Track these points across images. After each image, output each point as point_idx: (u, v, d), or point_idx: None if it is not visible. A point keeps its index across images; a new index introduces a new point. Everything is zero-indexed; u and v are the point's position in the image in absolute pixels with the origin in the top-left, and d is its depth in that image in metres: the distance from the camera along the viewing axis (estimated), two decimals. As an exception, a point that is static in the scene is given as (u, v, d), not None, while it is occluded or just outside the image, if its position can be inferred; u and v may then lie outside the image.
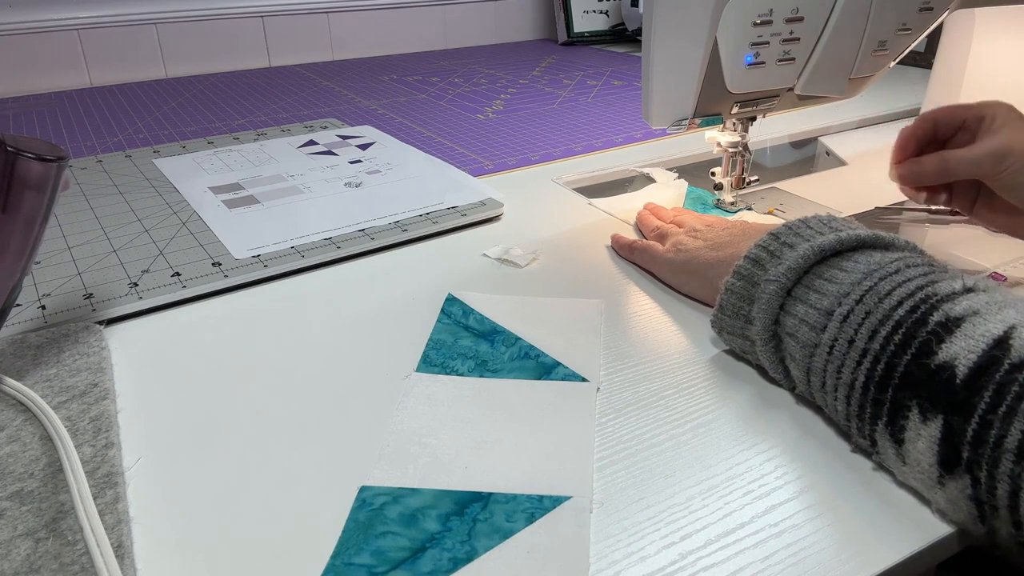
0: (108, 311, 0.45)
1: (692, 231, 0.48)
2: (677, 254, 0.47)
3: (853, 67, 0.54)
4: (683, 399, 0.37)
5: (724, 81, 0.50)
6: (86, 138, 0.85)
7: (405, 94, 1.06)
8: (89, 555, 0.27)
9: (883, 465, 0.31)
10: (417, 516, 0.29)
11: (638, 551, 0.28)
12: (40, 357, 0.40)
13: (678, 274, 0.47)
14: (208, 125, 0.91)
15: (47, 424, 0.34)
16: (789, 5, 0.48)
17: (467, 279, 0.50)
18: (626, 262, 0.52)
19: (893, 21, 0.53)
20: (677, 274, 0.47)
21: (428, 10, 1.42)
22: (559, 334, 0.42)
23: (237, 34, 1.26)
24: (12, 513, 0.30)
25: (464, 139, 0.83)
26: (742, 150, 0.57)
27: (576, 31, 1.43)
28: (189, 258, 0.52)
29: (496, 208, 0.60)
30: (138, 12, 1.17)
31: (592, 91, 1.05)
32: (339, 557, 0.28)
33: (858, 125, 0.84)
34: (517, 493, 0.31)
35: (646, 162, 0.72)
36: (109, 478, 0.31)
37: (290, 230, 0.56)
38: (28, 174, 0.37)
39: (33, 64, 1.12)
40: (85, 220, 0.59)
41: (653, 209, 0.58)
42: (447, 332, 0.43)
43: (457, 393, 0.37)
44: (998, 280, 0.46)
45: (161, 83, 1.17)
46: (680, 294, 0.47)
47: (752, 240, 0.38)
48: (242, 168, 0.71)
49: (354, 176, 0.68)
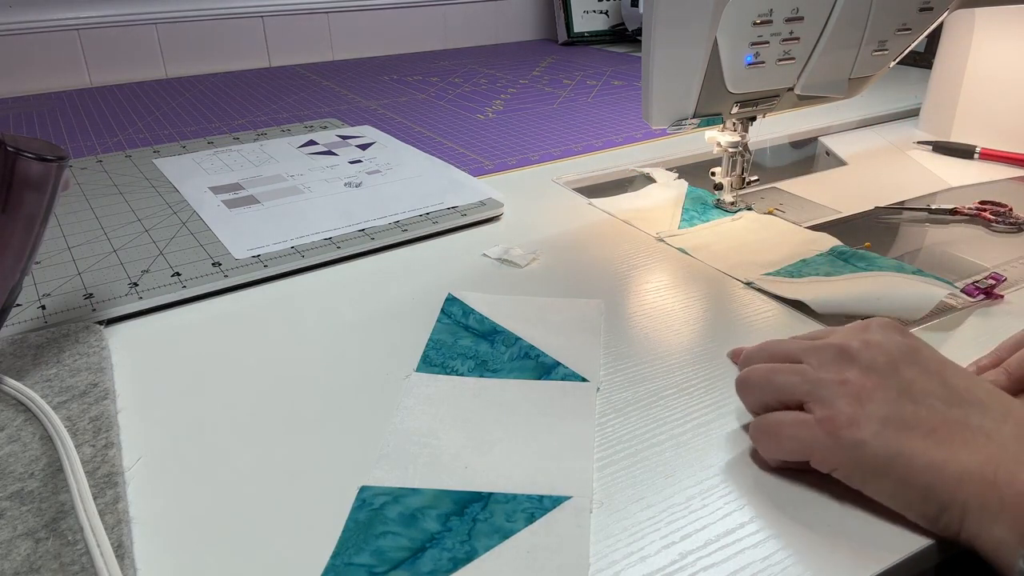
0: (108, 311, 0.45)
1: (869, 375, 0.29)
2: (863, 432, 0.28)
3: (853, 67, 0.54)
4: (683, 399, 0.37)
5: (724, 81, 0.50)
6: (86, 138, 0.85)
7: (405, 94, 1.06)
8: (89, 555, 0.27)
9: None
10: (417, 516, 0.29)
11: (638, 551, 0.28)
12: (40, 357, 0.40)
13: (862, 473, 0.28)
14: (208, 125, 0.90)
15: (47, 424, 0.34)
16: (789, 5, 0.48)
17: (467, 279, 0.50)
18: (625, 262, 0.52)
19: (893, 21, 0.53)
20: (860, 472, 0.28)
21: (428, 10, 1.42)
22: (559, 334, 0.42)
23: (237, 34, 1.26)
24: (12, 513, 0.30)
25: (464, 139, 0.83)
26: (742, 150, 0.57)
27: (576, 31, 1.43)
28: (189, 258, 0.52)
29: (496, 208, 0.60)
30: (138, 12, 1.17)
31: (592, 91, 1.05)
32: (339, 557, 0.28)
33: (858, 125, 0.84)
34: (517, 493, 0.31)
35: (646, 162, 0.72)
36: (109, 478, 0.31)
37: (290, 230, 0.56)
38: (28, 174, 0.37)
39: (33, 64, 1.12)
40: (85, 220, 0.59)
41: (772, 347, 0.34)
42: (447, 332, 0.43)
43: (457, 393, 0.37)
44: (998, 280, 0.46)
45: (161, 83, 1.17)
46: (681, 296, 0.47)
47: (1001, 434, 0.26)
48: (242, 168, 0.71)
49: (354, 176, 0.68)
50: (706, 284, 0.48)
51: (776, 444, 0.30)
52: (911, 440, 0.27)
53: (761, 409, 0.32)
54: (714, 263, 0.51)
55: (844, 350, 0.30)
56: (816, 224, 0.57)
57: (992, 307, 0.45)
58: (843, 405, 0.28)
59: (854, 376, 0.29)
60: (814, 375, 0.30)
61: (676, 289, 0.48)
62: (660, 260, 0.52)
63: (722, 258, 0.51)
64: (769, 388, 0.31)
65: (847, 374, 0.29)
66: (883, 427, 0.28)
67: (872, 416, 0.28)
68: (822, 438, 0.28)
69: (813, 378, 0.30)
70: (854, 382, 0.29)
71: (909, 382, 0.29)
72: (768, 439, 0.31)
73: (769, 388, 0.31)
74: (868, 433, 0.28)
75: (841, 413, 0.28)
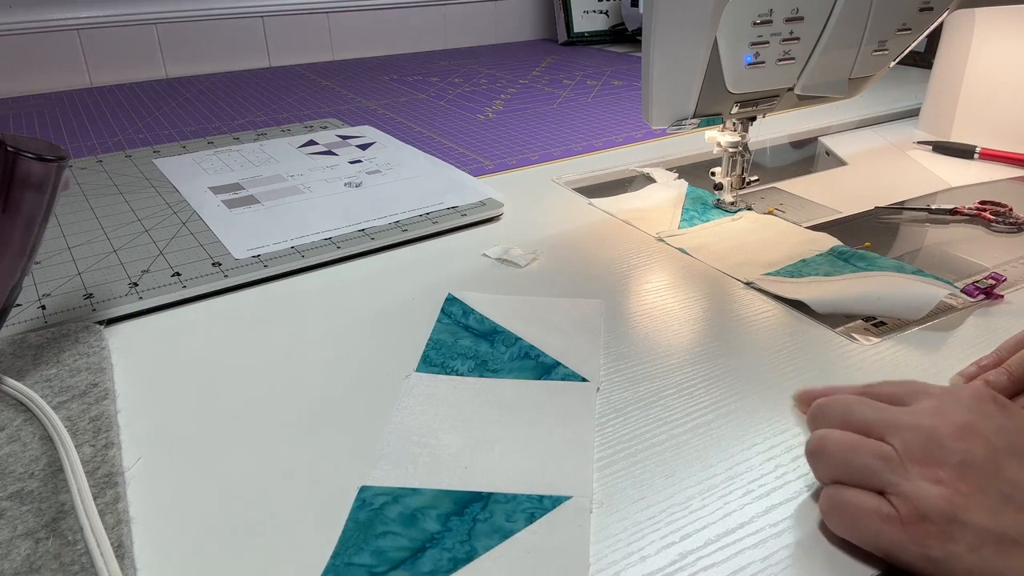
0: (108, 311, 0.45)
1: (965, 476, 0.25)
2: (957, 546, 0.24)
3: (853, 67, 0.54)
4: (683, 399, 0.37)
5: (724, 81, 0.50)
6: (86, 138, 0.85)
7: (405, 94, 1.06)
8: (89, 555, 0.27)
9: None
10: (417, 516, 0.29)
11: (638, 551, 0.28)
12: (40, 357, 0.40)
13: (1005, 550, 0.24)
14: (208, 125, 0.90)
15: (47, 424, 0.34)
16: (789, 5, 0.48)
17: (467, 279, 0.50)
18: (625, 262, 0.52)
19: (893, 21, 0.53)
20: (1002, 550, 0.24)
21: (428, 10, 1.42)
22: (559, 334, 0.42)
23: (237, 34, 1.26)
24: (12, 513, 0.30)
25: (464, 139, 0.83)
26: (742, 150, 0.57)
27: (576, 31, 1.43)
28: (189, 258, 0.52)
29: (496, 208, 0.60)
30: (138, 12, 1.17)
31: (592, 91, 1.05)
32: (339, 557, 0.28)
33: (858, 125, 0.84)
34: (517, 493, 0.31)
35: (646, 162, 0.72)
36: (109, 478, 0.31)
37: (290, 230, 0.56)
38: (28, 174, 0.37)
39: (33, 64, 1.12)
40: (85, 220, 0.59)
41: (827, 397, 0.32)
42: (447, 332, 0.43)
43: (457, 393, 0.37)
44: (998, 280, 0.46)
45: (161, 83, 1.17)
46: (681, 296, 0.47)
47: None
48: (242, 168, 0.71)
49: (354, 176, 0.68)
50: (706, 284, 0.48)
51: (851, 529, 0.27)
52: (1015, 558, 0.23)
53: (833, 482, 0.28)
54: (714, 263, 0.51)
55: (935, 437, 0.26)
56: (816, 224, 0.57)
57: (992, 307, 0.45)
58: (933, 512, 0.25)
59: (948, 476, 0.25)
60: (900, 464, 0.26)
61: (676, 289, 0.48)
62: (660, 260, 0.52)
63: (722, 258, 0.51)
64: (846, 467, 0.28)
65: (940, 472, 0.25)
66: (981, 541, 0.24)
67: (967, 527, 0.24)
68: (907, 543, 0.25)
69: (899, 468, 0.26)
70: (948, 483, 0.25)
71: (1014, 484, 0.25)
72: (842, 521, 0.27)
73: (846, 467, 0.28)
74: (963, 547, 0.24)
75: (930, 521, 0.24)
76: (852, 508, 0.27)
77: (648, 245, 0.54)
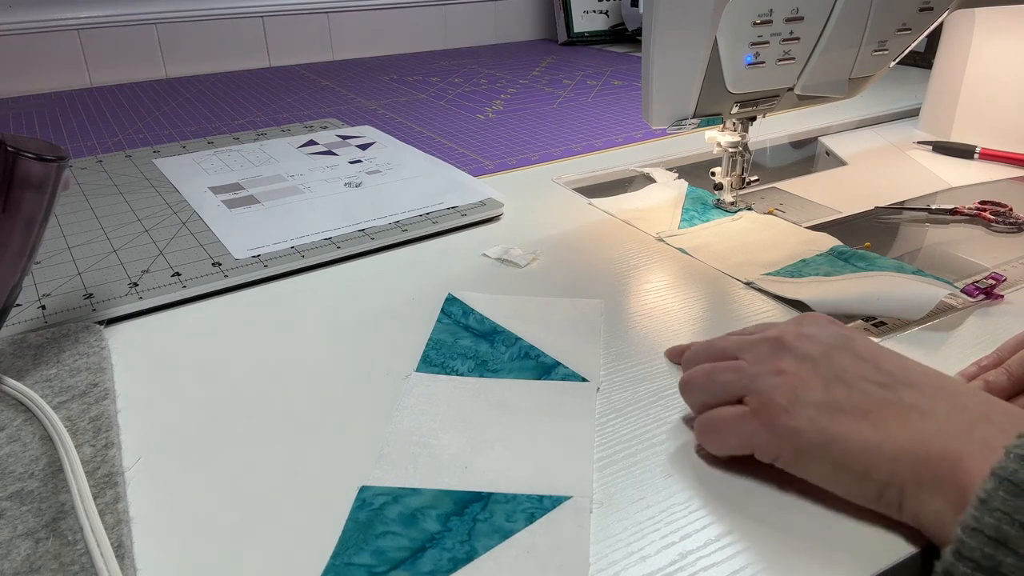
0: (108, 311, 0.45)
1: (802, 365, 0.30)
2: (797, 419, 0.28)
3: (853, 67, 0.54)
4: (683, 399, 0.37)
5: (724, 81, 0.50)
6: (86, 138, 0.85)
7: (405, 94, 1.06)
8: (89, 555, 0.27)
9: None
10: (417, 516, 0.29)
11: (638, 551, 0.28)
12: (40, 357, 0.40)
13: (802, 459, 0.29)
14: (208, 125, 0.91)
15: (47, 424, 0.34)
16: (789, 5, 0.48)
17: (467, 279, 0.50)
18: (625, 262, 0.52)
19: (893, 21, 0.53)
20: (800, 458, 0.29)
21: (428, 10, 1.42)
22: (559, 334, 0.42)
23: (237, 34, 1.26)
24: (12, 513, 0.30)
25: (464, 139, 0.83)
26: (742, 150, 0.57)
27: (576, 31, 1.43)
28: (189, 258, 0.52)
29: (496, 208, 0.60)
30: (138, 12, 1.17)
31: (592, 91, 1.05)
32: (339, 557, 0.28)
33: (858, 125, 0.84)
34: (517, 493, 0.31)
35: (646, 162, 0.72)
36: (109, 478, 0.31)
37: (290, 230, 0.56)
38: (28, 174, 0.37)
39: (33, 64, 1.12)
40: (85, 220, 0.59)
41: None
42: (447, 332, 0.43)
43: (457, 393, 0.37)
44: (998, 280, 0.46)
45: (161, 83, 1.17)
46: (681, 296, 0.47)
47: (934, 410, 0.27)
48: (242, 168, 0.71)
49: (354, 176, 0.68)
50: (706, 284, 0.48)
51: (719, 439, 0.31)
52: (845, 423, 0.28)
53: (703, 408, 0.32)
54: (714, 263, 0.51)
55: (779, 343, 0.31)
56: (816, 224, 0.57)
57: (992, 307, 0.45)
58: (778, 395, 0.29)
59: (788, 366, 0.30)
60: (751, 370, 0.31)
61: (676, 289, 0.48)
62: (660, 260, 0.52)
63: (722, 258, 0.51)
64: (709, 387, 0.32)
65: (781, 365, 0.30)
66: (817, 413, 0.28)
67: (806, 403, 0.28)
68: (760, 429, 0.29)
69: (750, 373, 0.31)
70: (788, 372, 0.30)
71: (842, 368, 0.29)
72: (712, 435, 0.31)
73: (709, 387, 0.32)
74: (803, 419, 0.28)
75: (776, 403, 0.29)
76: (717, 421, 0.31)
77: (648, 245, 0.54)
